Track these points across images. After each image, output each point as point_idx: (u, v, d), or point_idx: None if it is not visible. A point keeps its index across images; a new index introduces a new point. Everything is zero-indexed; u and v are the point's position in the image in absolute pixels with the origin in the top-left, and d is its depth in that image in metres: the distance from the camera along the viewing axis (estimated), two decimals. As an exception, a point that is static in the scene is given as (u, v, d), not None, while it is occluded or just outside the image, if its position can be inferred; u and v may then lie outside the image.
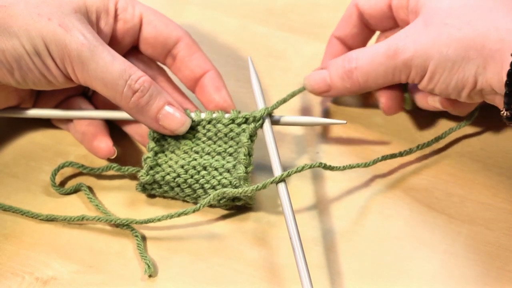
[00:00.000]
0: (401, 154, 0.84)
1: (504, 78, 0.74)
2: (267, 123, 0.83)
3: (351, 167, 0.82)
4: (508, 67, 0.73)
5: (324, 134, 0.88)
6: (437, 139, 0.86)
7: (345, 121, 0.83)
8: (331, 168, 0.81)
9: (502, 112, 0.76)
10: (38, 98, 0.87)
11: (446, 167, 0.85)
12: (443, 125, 0.88)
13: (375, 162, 0.83)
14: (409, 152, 0.85)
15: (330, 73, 0.86)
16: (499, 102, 0.78)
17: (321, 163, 0.80)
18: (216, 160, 0.82)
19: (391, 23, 0.87)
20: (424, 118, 0.89)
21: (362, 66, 0.83)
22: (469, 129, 0.88)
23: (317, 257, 0.78)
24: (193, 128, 0.84)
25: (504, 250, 0.78)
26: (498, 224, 0.80)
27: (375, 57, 0.82)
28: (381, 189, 0.83)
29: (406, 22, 0.84)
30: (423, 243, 0.79)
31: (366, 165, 0.83)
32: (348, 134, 0.88)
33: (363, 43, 0.89)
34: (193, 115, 0.84)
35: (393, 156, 0.84)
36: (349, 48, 0.89)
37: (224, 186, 0.80)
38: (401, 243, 0.79)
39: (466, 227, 0.80)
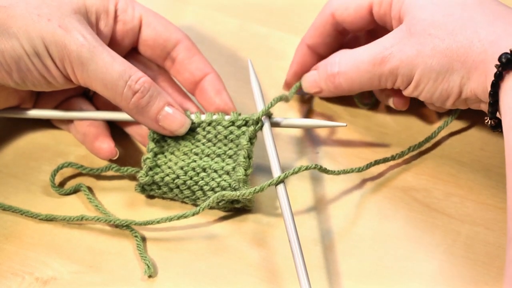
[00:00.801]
0: (393, 158, 0.84)
1: (488, 88, 0.74)
2: (266, 126, 0.83)
3: (345, 172, 0.83)
4: (492, 78, 0.73)
5: (324, 135, 0.88)
6: (428, 139, 0.86)
7: (345, 124, 0.83)
8: (326, 171, 0.81)
9: (486, 121, 0.77)
10: (39, 98, 0.87)
11: (446, 167, 0.85)
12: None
13: (368, 166, 0.83)
14: (401, 155, 0.85)
15: (319, 74, 0.86)
16: (484, 108, 0.78)
17: (316, 165, 0.80)
18: (216, 162, 0.82)
19: (371, 26, 0.86)
20: (424, 118, 0.89)
21: (346, 72, 0.83)
22: (468, 129, 0.88)
23: (316, 258, 0.78)
24: (193, 130, 0.84)
25: (504, 250, 0.78)
26: (498, 224, 0.80)
27: (360, 64, 0.82)
28: (380, 189, 0.83)
29: (391, 26, 0.84)
30: (423, 243, 0.79)
31: (359, 170, 0.83)
32: (348, 134, 0.88)
33: (334, 49, 0.89)
34: (193, 116, 0.84)
35: (385, 160, 0.84)
36: (319, 55, 0.89)
37: (223, 188, 0.80)
38: (400, 243, 0.79)
39: (466, 227, 0.80)
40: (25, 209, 0.82)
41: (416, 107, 0.89)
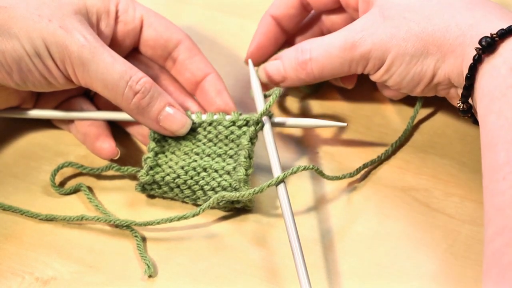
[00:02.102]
0: (379, 158, 0.85)
1: (465, 72, 0.74)
2: (267, 126, 0.83)
3: (338, 178, 0.83)
4: (469, 61, 0.73)
5: (324, 135, 0.88)
6: (405, 132, 0.86)
7: (345, 124, 0.83)
8: (322, 174, 0.81)
9: (458, 104, 0.77)
10: (39, 98, 0.87)
11: (446, 167, 0.84)
12: (441, 123, 0.88)
13: (358, 171, 0.84)
14: (386, 153, 0.85)
15: (283, 64, 0.85)
16: (452, 95, 0.79)
17: (313, 166, 0.80)
18: (216, 162, 0.82)
19: (335, 6, 0.86)
20: (423, 118, 0.89)
21: (317, 58, 0.83)
22: (469, 129, 0.87)
23: (316, 257, 0.78)
24: (194, 130, 0.84)
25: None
26: (498, 224, 0.80)
27: (331, 49, 0.82)
28: (380, 189, 0.83)
29: (354, 8, 0.84)
30: (423, 243, 0.79)
31: (351, 175, 0.83)
32: (348, 134, 0.88)
33: (297, 24, 0.89)
34: (194, 116, 0.84)
35: (373, 162, 0.84)
36: (282, 28, 0.89)
37: (224, 188, 0.80)
38: (400, 243, 0.79)
39: (466, 227, 0.80)
40: (25, 209, 0.82)
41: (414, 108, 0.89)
